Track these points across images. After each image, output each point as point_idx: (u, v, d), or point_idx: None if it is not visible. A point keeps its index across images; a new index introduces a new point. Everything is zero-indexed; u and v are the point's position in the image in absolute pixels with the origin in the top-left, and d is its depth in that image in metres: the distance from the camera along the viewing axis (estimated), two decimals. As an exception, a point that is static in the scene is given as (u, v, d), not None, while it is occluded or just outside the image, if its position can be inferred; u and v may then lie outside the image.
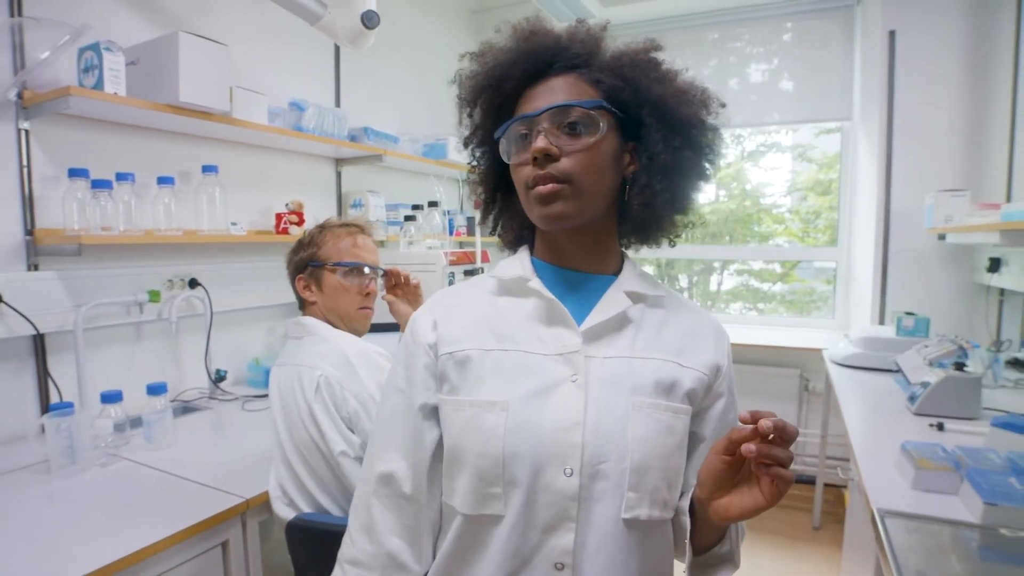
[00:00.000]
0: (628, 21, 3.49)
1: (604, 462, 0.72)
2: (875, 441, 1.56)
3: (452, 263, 2.15)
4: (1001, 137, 2.42)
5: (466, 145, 0.90)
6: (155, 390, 1.59)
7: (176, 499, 1.29)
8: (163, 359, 1.99)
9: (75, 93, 1.49)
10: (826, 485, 2.88)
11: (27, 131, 1.61)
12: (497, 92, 0.81)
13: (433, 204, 2.57)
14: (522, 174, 0.78)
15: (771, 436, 0.64)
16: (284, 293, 2.33)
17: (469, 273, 2.28)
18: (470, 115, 0.87)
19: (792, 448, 0.66)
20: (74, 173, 1.60)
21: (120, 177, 1.69)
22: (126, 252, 1.85)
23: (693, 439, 0.81)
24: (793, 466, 0.65)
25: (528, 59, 0.78)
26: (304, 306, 1.46)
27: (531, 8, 3.28)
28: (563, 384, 0.74)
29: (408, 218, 2.41)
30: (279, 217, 2.19)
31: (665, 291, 0.85)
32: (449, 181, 3.36)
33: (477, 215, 2.50)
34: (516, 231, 0.89)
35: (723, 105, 0.81)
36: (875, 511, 1.21)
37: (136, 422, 1.64)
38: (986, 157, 2.54)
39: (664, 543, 0.78)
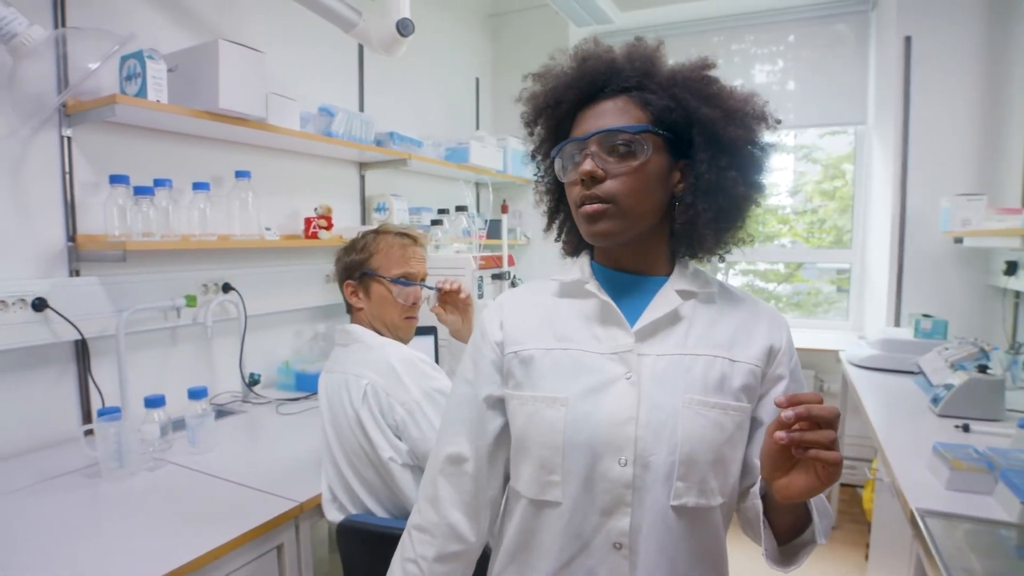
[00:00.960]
0: (644, 25, 3.52)
1: (655, 454, 0.77)
2: (903, 442, 1.60)
3: (481, 267, 2.17)
4: (1016, 142, 2.46)
5: (532, 158, 0.96)
6: (196, 394, 1.61)
7: (230, 503, 1.31)
8: (197, 363, 2.01)
9: (121, 101, 1.51)
10: (842, 485, 2.92)
11: (69, 138, 1.63)
12: (554, 113, 0.86)
13: (461, 208, 2.59)
14: (572, 193, 0.83)
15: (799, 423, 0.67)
16: (311, 296, 2.38)
17: (497, 277, 2.30)
18: (531, 133, 0.93)
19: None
20: (115, 180, 1.62)
21: (158, 183, 1.71)
22: (163, 257, 1.87)
23: (755, 424, 0.85)
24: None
25: (581, 83, 0.83)
26: (350, 310, 1.47)
27: (548, 12, 3.31)
28: (618, 381, 0.79)
29: (435, 222, 2.43)
30: (308, 221, 2.21)
31: (718, 286, 0.88)
32: (467, 185, 3.39)
33: (505, 219, 2.55)
34: (575, 242, 0.94)
35: (779, 121, 0.84)
36: (915, 511, 1.24)
37: (177, 425, 1.67)
38: (1001, 162, 2.58)
39: (712, 526, 0.81)
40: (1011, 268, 2.36)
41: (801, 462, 0.69)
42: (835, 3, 3.09)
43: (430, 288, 1.52)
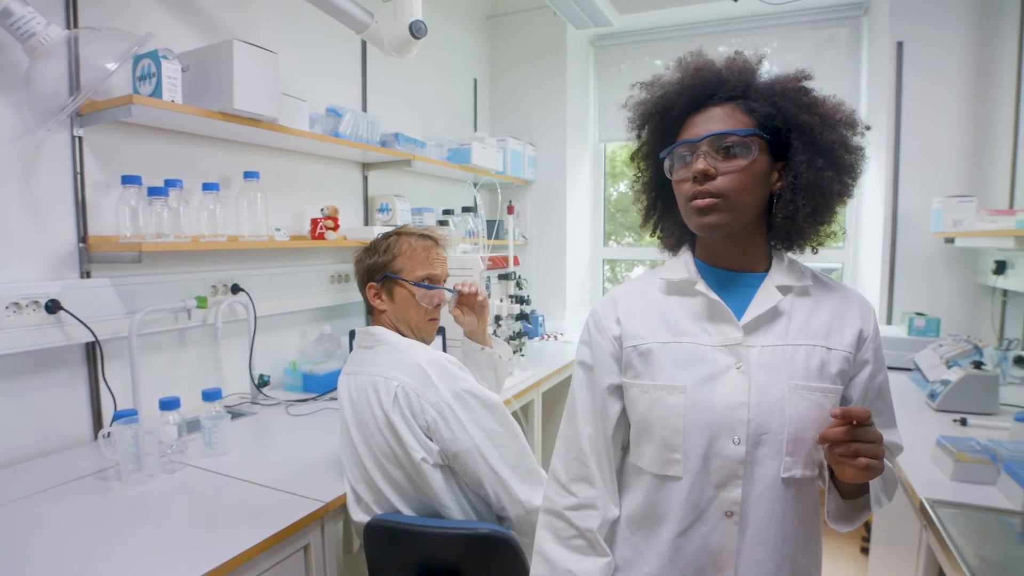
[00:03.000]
0: (642, 28, 3.56)
1: (765, 433, 0.88)
2: (905, 436, 1.64)
3: (489, 267, 2.19)
4: (1005, 145, 2.54)
5: (633, 159, 1.06)
6: (211, 396, 1.61)
7: (254, 505, 1.31)
8: (205, 365, 2.00)
9: (137, 101, 1.50)
10: (835, 479, 2.98)
11: (81, 138, 1.62)
12: (664, 118, 0.96)
13: (468, 209, 2.60)
14: (683, 189, 0.92)
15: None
16: (317, 297, 2.38)
17: (503, 277, 2.32)
18: (638, 136, 1.02)
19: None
20: (128, 180, 1.61)
21: (169, 183, 1.70)
22: (172, 259, 1.86)
23: (843, 402, 0.94)
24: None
25: (692, 92, 0.92)
26: (372, 312, 1.48)
27: (546, 14, 3.33)
28: (729, 371, 0.90)
29: (441, 223, 2.44)
30: (315, 222, 2.21)
31: (812, 278, 0.97)
32: (466, 185, 3.40)
33: (510, 219, 2.56)
34: (678, 236, 1.04)
35: (868, 128, 0.94)
36: (924, 501, 1.28)
37: (191, 428, 1.66)
38: (990, 164, 2.66)
39: (812, 495, 0.93)
40: (1000, 267, 2.43)
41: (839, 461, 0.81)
42: (828, 8, 3.16)
43: (450, 291, 1.53)
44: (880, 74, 2.90)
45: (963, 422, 1.76)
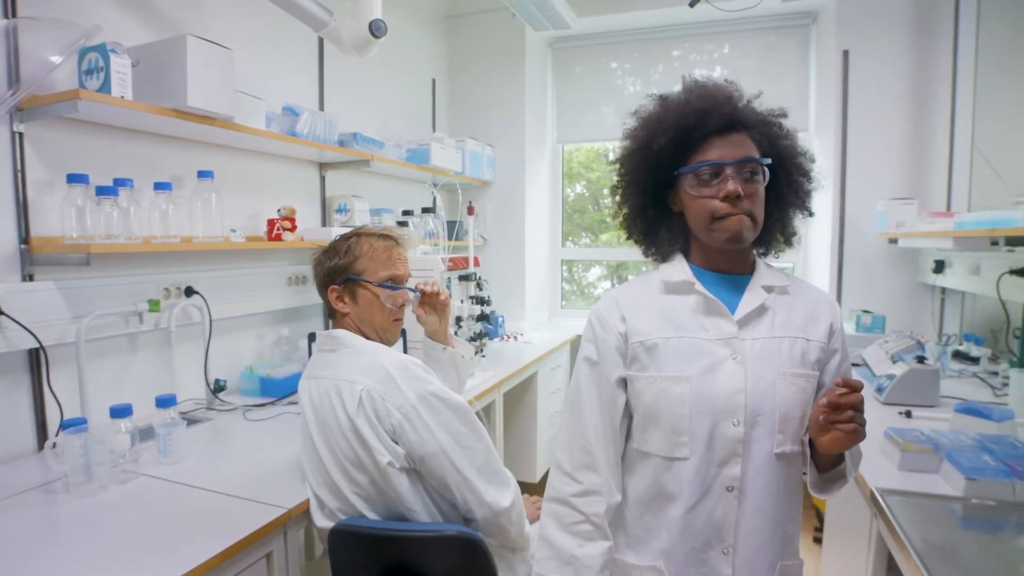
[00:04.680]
0: (600, 31, 3.61)
1: (760, 415, 1.00)
2: (855, 429, 1.72)
3: (449, 268, 2.18)
4: (942, 150, 2.68)
5: (622, 164, 1.13)
6: (165, 402, 1.55)
7: (213, 513, 1.27)
8: (158, 370, 1.93)
9: (84, 97, 1.43)
10: (788, 471, 3.08)
11: (21, 134, 1.54)
12: (684, 133, 1.03)
13: (428, 210, 2.58)
14: (709, 205, 1.02)
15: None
16: (274, 300, 2.33)
17: (464, 278, 2.31)
18: (649, 144, 1.07)
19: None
20: (73, 179, 1.54)
21: (118, 183, 1.63)
22: (122, 261, 1.79)
23: (818, 387, 1.07)
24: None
25: (721, 118, 1.02)
26: (333, 315, 1.45)
27: (504, 15, 3.34)
28: (726, 361, 1.02)
29: (401, 224, 2.42)
30: (271, 223, 2.16)
31: (788, 279, 1.11)
32: (425, 186, 3.38)
33: (471, 220, 2.56)
34: (670, 243, 1.12)
35: (813, 160, 1.11)
36: (874, 490, 1.34)
37: (144, 436, 1.60)
38: (928, 168, 2.80)
39: (797, 469, 1.06)
40: (939, 267, 2.56)
41: (832, 429, 0.94)
42: (779, 16, 3.27)
43: (413, 291, 1.51)
44: (828, 81, 3.02)
45: (908, 414, 1.84)
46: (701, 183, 1.03)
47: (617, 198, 1.16)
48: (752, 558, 1.02)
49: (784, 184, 1.06)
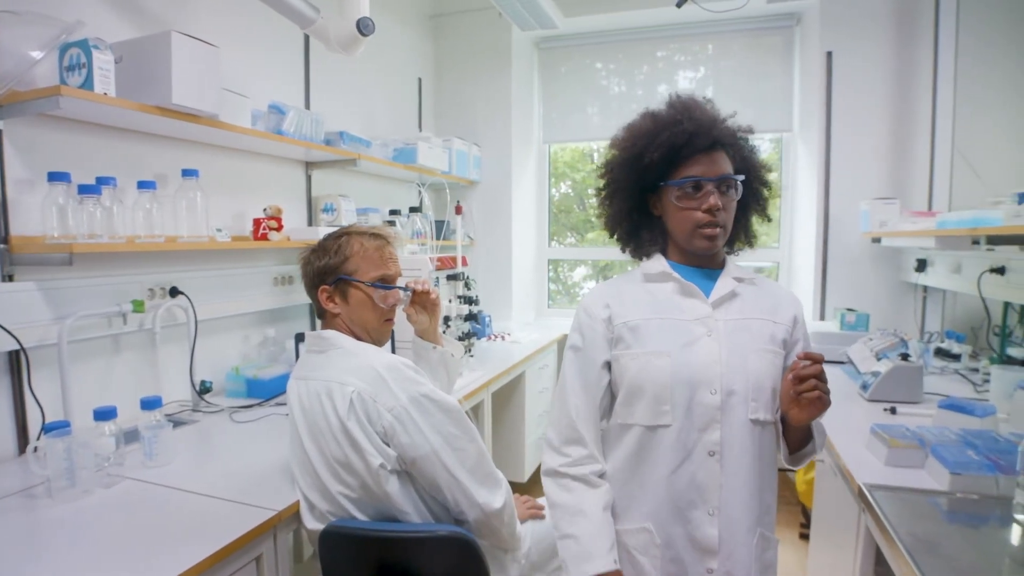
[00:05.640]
0: (587, 31, 3.61)
1: (735, 384, 1.11)
2: (841, 426, 1.74)
3: (437, 268, 2.17)
4: (922, 150, 2.72)
5: (610, 170, 1.24)
6: (150, 404, 1.53)
7: (201, 517, 1.25)
8: (142, 372, 1.90)
9: (66, 93, 1.40)
10: (774, 469, 3.11)
11: (0, 132, 1.50)
12: (673, 151, 1.14)
13: (415, 210, 2.57)
14: (692, 216, 1.15)
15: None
16: (260, 300, 2.30)
17: (452, 278, 2.31)
18: (640, 155, 1.16)
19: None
20: (55, 177, 1.51)
21: (101, 181, 1.60)
22: (105, 261, 1.76)
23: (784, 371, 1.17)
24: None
25: (707, 139, 1.13)
26: (323, 315, 1.43)
27: (490, 15, 3.34)
28: (702, 338, 1.14)
29: (389, 223, 2.40)
30: (257, 222, 2.13)
31: (755, 276, 1.25)
32: (412, 186, 3.36)
33: (458, 220, 2.55)
34: (650, 245, 1.25)
35: (771, 171, 1.26)
36: (862, 486, 1.36)
37: (128, 438, 1.57)
38: (910, 168, 2.84)
39: (772, 437, 1.17)
40: (921, 265, 2.60)
41: (800, 400, 1.05)
42: (763, 18, 3.30)
43: (404, 290, 1.50)
44: (811, 82, 3.05)
45: (893, 411, 1.87)
46: (686, 196, 1.14)
47: (605, 200, 1.27)
48: (735, 520, 1.11)
49: (749, 193, 1.21)
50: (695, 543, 1.12)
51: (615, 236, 1.28)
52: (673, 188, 1.15)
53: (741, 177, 1.15)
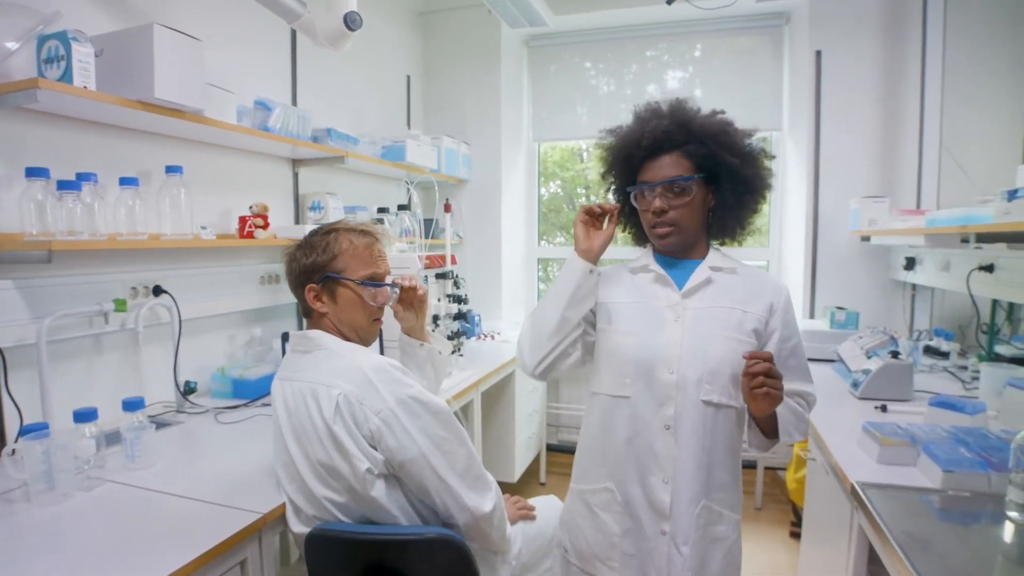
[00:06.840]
0: (577, 29, 3.60)
1: (691, 367, 1.21)
2: (832, 424, 1.74)
3: (426, 267, 2.15)
4: (911, 148, 2.74)
5: (603, 178, 1.40)
6: (132, 405, 1.49)
7: (184, 520, 1.22)
8: (125, 372, 1.86)
9: (44, 86, 1.37)
10: (765, 468, 3.11)
11: (-25, 126, 1.47)
12: (628, 163, 1.30)
13: (403, 208, 2.54)
14: (646, 217, 1.29)
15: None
16: (246, 299, 2.27)
17: (440, 276, 2.28)
18: (610, 170, 1.36)
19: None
20: (32, 172, 1.47)
21: (81, 177, 1.56)
22: (85, 259, 1.72)
23: None
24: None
25: (648, 145, 1.24)
26: (310, 315, 1.40)
27: (479, 12, 3.31)
28: (669, 322, 1.25)
29: (377, 222, 2.37)
30: (243, 220, 2.10)
31: (738, 264, 1.32)
32: (400, 184, 3.33)
33: (447, 218, 2.52)
34: (642, 235, 1.37)
35: (774, 156, 1.24)
36: (855, 484, 1.35)
37: (110, 440, 1.54)
38: (899, 167, 2.85)
39: (729, 420, 1.24)
40: (910, 263, 2.61)
41: (752, 394, 1.12)
42: (752, 17, 3.31)
43: (393, 287, 1.46)
44: (800, 80, 3.06)
45: (883, 408, 1.87)
46: (640, 199, 1.28)
47: (610, 196, 1.41)
48: (682, 489, 1.21)
49: (728, 190, 1.26)
50: (652, 505, 1.23)
51: (625, 230, 1.43)
52: (634, 193, 1.29)
53: (691, 177, 1.22)
